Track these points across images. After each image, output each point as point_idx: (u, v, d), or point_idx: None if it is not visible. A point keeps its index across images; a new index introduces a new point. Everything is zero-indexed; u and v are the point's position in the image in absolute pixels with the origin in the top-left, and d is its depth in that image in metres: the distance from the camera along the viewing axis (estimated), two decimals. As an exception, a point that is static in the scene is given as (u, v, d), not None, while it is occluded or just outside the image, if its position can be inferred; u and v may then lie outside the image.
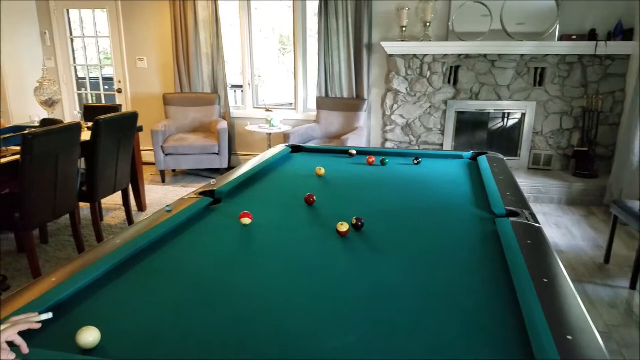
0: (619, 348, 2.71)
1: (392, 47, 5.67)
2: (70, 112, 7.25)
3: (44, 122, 4.41)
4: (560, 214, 4.99)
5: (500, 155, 3.26)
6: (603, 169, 5.51)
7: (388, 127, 6.04)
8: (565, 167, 5.72)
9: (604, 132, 5.44)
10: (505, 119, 5.81)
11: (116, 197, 5.20)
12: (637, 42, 5.03)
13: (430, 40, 5.60)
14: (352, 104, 5.99)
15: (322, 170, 2.83)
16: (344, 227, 1.87)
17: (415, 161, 3.13)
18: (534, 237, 1.77)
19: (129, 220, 4.61)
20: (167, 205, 2.10)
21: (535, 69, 5.47)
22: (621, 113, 5.36)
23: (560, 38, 5.30)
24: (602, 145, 5.48)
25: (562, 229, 4.53)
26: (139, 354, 1.12)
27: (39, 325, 1.14)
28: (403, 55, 5.73)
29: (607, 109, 5.39)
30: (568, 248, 4.10)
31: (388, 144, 6.08)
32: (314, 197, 2.29)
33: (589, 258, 3.91)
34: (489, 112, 5.80)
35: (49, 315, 1.20)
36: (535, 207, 5.08)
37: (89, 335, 1.13)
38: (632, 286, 3.40)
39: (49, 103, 4.81)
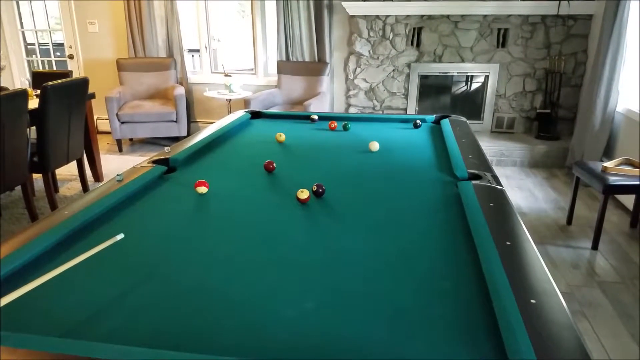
0: (581, 308, 2.74)
1: (353, 7, 5.53)
2: (19, 80, 6.91)
3: (-12, 90, 4.18)
4: (523, 176, 5.02)
5: (463, 118, 3.22)
6: (565, 131, 5.56)
7: (352, 92, 5.95)
8: (528, 130, 5.75)
9: (567, 94, 5.47)
10: (469, 83, 5.78)
11: (72, 168, 5.01)
12: (599, 2, 5.02)
13: (392, 0, 5.48)
14: (314, 68, 5.86)
15: (282, 137, 2.74)
16: (304, 194, 1.80)
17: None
18: (497, 200, 1.74)
19: (85, 191, 4.45)
20: (117, 175, 2.00)
21: (499, 30, 5.42)
22: (583, 74, 5.39)
23: (524, -1, 5.25)
24: (565, 108, 5.51)
25: (525, 192, 4.57)
26: (81, 333, 1.04)
27: None
28: (365, 16, 5.60)
29: (569, 71, 5.40)
30: (531, 210, 4.14)
31: (352, 110, 6.00)
32: (274, 164, 2.21)
33: (551, 220, 3.95)
34: (452, 76, 5.75)
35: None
36: (498, 171, 5.11)
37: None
38: (594, 247, 3.45)
39: (-6, 70, 4.58)
